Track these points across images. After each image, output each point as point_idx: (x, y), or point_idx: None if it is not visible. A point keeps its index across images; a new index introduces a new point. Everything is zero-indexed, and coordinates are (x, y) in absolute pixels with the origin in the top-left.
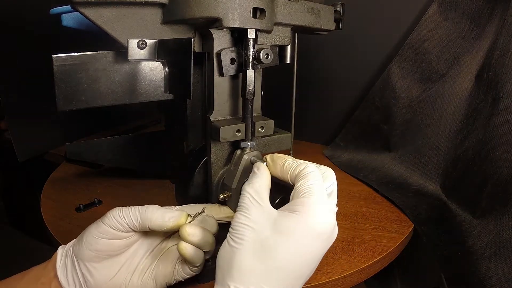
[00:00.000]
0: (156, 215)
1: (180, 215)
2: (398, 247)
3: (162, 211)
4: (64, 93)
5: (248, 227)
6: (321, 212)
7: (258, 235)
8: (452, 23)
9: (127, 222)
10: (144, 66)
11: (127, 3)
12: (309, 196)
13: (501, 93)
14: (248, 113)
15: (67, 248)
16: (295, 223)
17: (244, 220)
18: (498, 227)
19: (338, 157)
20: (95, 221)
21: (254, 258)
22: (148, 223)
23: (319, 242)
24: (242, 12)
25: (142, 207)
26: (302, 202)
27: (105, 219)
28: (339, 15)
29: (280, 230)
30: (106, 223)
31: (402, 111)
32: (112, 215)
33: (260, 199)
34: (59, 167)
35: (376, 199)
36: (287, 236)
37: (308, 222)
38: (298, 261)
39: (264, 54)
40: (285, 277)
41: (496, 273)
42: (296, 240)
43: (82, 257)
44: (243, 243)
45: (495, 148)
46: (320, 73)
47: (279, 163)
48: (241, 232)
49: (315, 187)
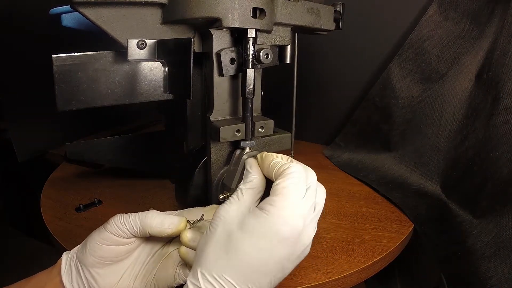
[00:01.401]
0: (156, 221)
1: (180, 221)
2: (398, 247)
3: (161, 218)
4: (64, 93)
5: (221, 219)
6: (289, 216)
7: (227, 228)
8: (452, 23)
9: (128, 228)
10: (144, 66)
11: (127, 3)
12: (281, 196)
13: (501, 93)
14: (248, 112)
15: (72, 254)
16: (260, 223)
17: (222, 212)
18: (498, 227)
19: (338, 157)
20: (97, 227)
21: (220, 248)
22: (148, 229)
23: (283, 246)
24: (242, 12)
25: (142, 213)
26: (272, 201)
27: (107, 226)
28: (339, 15)
29: (246, 228)
30: (109, 230)
31: (402, 111)
32: (114, 221)
33: (242, 195)
34: (59, 167)
35: (376, 199)
36: (250, 234)
37: (272, 224)
38: (261, 260)
39: (264, 54)
40: (248, 272)
41: (496, 273)
42: (257, 240)
43: (86, 263)
44: (215, 232)
45: (495, 148)
46: (320, 73)
47: (267, 161)
48: (215, 223)
49: (290, 188)
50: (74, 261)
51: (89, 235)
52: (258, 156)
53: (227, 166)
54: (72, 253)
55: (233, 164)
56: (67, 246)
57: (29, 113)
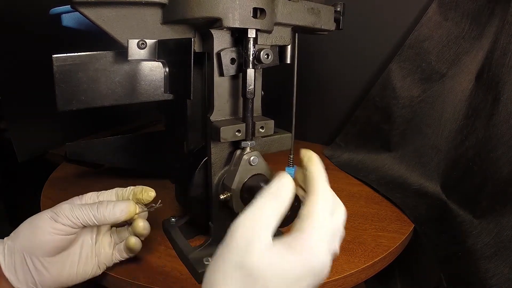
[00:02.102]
0: (108, 212)
1: (128, 206)
2: (398, 247)
3: (111, 207)
4: (64, 93)
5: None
6: (320, 252)
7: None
8: (452, 23)
9: (82, 221)
10: (144, 66)
11: (127, 3)
12: (310, 232)
13: (501, 93)
14: (248, 112)
15: (7, 246)
16: (291, 266)
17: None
18: (498, 227)
19: (338, 157)
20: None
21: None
22: (103, 221)
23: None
24: (242, 12)
25: (92, 206)
26: (301, 239)
27: (59, 218)
28: (339, 15)
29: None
30: (62, 222)
31: (402, 111)
32: (65, 214)
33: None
34: (59, 167)
35: (376, 199)
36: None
37: (305, 265)
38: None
39: (265, 54)
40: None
41: (496, 273)
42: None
43: (37, 253)
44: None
45: (495, 148)
46: (320, 73)
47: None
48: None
49: (319, 220)
50: (15, 252)
51: (29, 223)
52: (305, 158)
53: (227, 166)
54: (8, 246)
55: (234, 164)
56: None
57: (29, 113)
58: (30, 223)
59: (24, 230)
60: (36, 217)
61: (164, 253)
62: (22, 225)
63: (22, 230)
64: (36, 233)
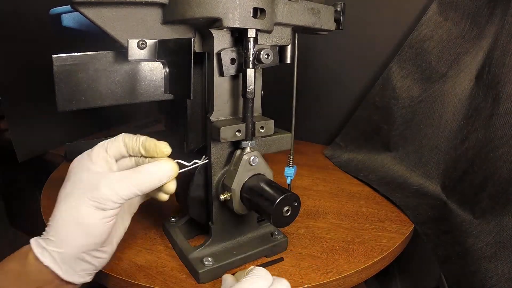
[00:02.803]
0: (152, 181)
1: (174, 168)
2: (398, 247)
3: (155, 174)
4: (64, 93)
5: None
6: None
7: None
8: (452, 23)
9: (127, 198)
10: (144, 66)
11: (127, 3)
12: None
13: (501, 93)
14: (249, 112)
15: (61, 253)
16: None
17: None
18: (498, 227)
19: (338, 157)
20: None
21: None
22: (149, 190)
23: None
24: (242, 12)
25: (133, 177)
26: None
27: (106, 206)
28: (339, 15)
29: None
30: (111, 207)
31: (402, 111)
32: (110, 199)
33: None
34: (59, 167)
35: (376, 199)
36: None
37: None
38: None
39: (265, 54)
40: None
41: (496, 273)
42: None
43: (95, 247)
44: None
45: (495, 148)
46: (320, 73)
47: None
48: None
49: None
50: (70, 258)
51: (75, 223)
52: None
53: (227, 166)
54: (58, 254)
55: (234, 164)
56: None
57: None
58: (78, 223)
59: (73, 232)
60: (78, 214)
61: (164, 253)
62: (65, 227)
63: (69, 233)
64: (89, 232)
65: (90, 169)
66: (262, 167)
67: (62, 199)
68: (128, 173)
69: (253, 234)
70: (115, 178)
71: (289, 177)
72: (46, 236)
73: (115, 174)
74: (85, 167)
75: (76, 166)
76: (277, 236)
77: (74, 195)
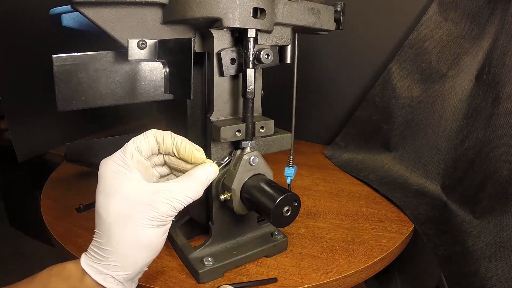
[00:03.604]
0: (202, 187)
1: (216, 172)
2: (398, 247)
3: (204, 181)
4: (64, 93)
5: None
6: None
7: None
8: (452, 23)
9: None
10: (144, 66)
11: (127, 3)
12: None
13: (501, 93)
14: (249, 112)
15: (123, 276)
16: None
17: None
18: (498, 227)
19: (338, 157)
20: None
21: None
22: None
23: None
24: (242, 12)
25: (183, 187)
26: None
27: (166, 223)
28: (339, 15)
29: None
30: (168, 222)
31: (402, 111)
32: (168, 214)
33: None
34: (59, 167)
35: (376, 199)
36: None
37: None
38: None
39: (265, 54)
40: None
41: (496, 273)
42: None
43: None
44: None
45: (495, 148)
46: (320, 73)
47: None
48: None
49: None
50: (132, 279)
51: (136, 249)
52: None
53: (227, 166)
54: (121, 278)
55: (234, 164)
56: (67, 246)
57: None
58: (143, 246)
59: (138, 255)
60: (141, 236)
61: (164, 253)
62: (129, 251)
63: (135, 256)
64: (153, 249)
65: (132, 180)
66: (262, 167)
67: (115, 221)
68: (180, 185)
69: (253, 234)
70: (168, 191)
71: (289, 177)
72: (104, 261)
73: (166, 186)
74: (126, 178)
75: (111, 175)
76: (277, 236)
77: (130, 217)
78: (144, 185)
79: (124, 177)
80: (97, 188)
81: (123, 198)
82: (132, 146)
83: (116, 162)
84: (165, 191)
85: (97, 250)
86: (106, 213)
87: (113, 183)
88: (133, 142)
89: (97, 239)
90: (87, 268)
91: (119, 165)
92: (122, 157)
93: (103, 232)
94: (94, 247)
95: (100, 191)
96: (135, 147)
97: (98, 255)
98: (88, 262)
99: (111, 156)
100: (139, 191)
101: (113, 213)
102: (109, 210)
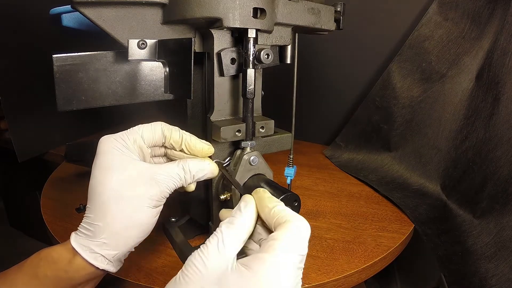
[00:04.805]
0: (197, 177)
1: (216, 170)
2: (398, 247)
3: (200, 173)
4: (64, 93)
5: (197, 274)
6: (278, 279)
7: (203, 285)
8: (452, 23)
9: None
10: (145, 66)
11: (127, 3)
12: (273, 252)
13: (501, 93)
14: (249, 112)
15: (115, 255)
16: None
17: (198, 263)
18: (498, 227)
19: (338, 157)
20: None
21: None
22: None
23: None
24: (242, 12)
25: (181, 172)
26: (262, 259)
27: (160, 203)
28: (339, 15)
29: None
30: (162, 203)
31: (402, 111)
32: (164, 196)
33: (223, 244)
34: (59, 167)
35: (376, 199)
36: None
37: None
38: None
39: (265, 54)
40: None
41: (496, 273)
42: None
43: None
44: (188, 287)
45: (495, 148)
46: (320, 73)
47: (268, 204)
48: (190, 274)
49: (290, 246)
50: (125, 255)
51: (132, 227)
52: (254, 194)
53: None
54: (111, 256)
55: (234, 164)
56: None
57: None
58: (137, 225)
59: (131, 234)
60: (137, 217)
61: (164, 253)
62: (123, 230)
63: (128, 235)
64: (146, 229)
65: (133, 159)
66: (262, 167)
67: (111, 198)
68: (178, 168)
69: None
70: (166, 172)
71: (289, 177)
72: (95, 238)
73: (167, 167)
74: (126, 157)
75: (111, 151)
76: None
77: (128, 195)
78: (145, 165)
79: (124, 155)
80: (94, 162)
81: (124, 176)
82: (137, 131)
83: (117, 140)
84: (162, 172)
85: (88, 226)
86: (102, 188)
87: (113, 159)
88: (138, 128)
89: (88, 214)
90: (78, 247)
91: (120, 143)
92: (125, 138)
93: (96, 207)
94: (85, 224)
95: (97, 166)
96: (139, 133)
97: (88, 231)
98: (78, 240)
99: (113, 134)
100: (141, 170)
101: (110, 189)
102: (105, 185)
